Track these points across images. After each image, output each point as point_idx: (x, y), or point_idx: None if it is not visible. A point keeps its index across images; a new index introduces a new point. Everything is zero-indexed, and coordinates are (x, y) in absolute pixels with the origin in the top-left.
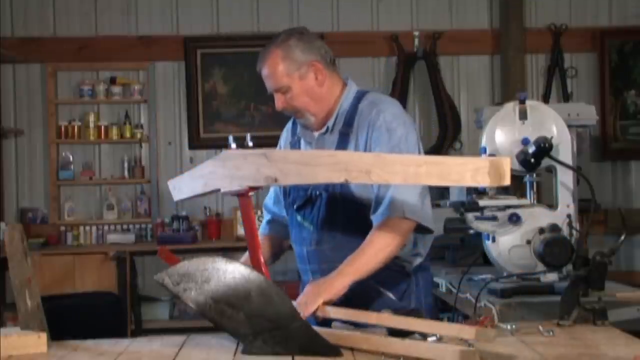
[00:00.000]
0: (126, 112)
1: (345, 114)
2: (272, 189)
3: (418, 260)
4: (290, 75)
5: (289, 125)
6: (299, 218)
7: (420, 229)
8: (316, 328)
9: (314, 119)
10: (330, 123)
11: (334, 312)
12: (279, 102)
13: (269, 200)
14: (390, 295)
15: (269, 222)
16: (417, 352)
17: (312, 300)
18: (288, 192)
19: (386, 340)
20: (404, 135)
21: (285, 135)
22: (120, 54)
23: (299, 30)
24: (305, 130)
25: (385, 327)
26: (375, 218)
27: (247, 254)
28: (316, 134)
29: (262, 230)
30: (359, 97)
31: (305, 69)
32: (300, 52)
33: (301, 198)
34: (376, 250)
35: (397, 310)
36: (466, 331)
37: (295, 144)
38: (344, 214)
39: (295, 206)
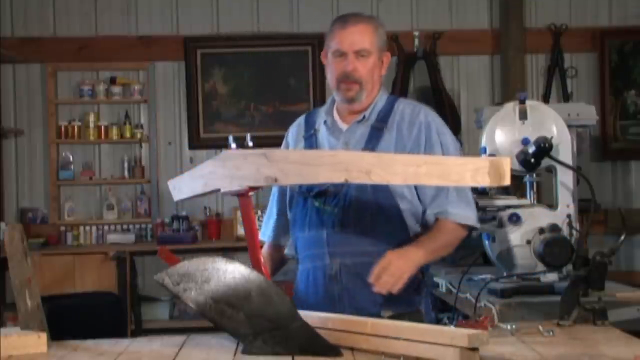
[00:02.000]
0: (126, 112)
1: (379, 111)
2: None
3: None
4: (374, 47)
5: (300, 122)
6: (316, 204)
7: None
8: (316, 328)
9: (364, 98)
10: (367, 113)
11: (330, 322)
12: (351, 63)
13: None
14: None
15: (275, 226)
16: (417, 351)
17: (402, 267)
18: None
19: (386, 340)
20: (451, 144)
21: (295, 130)
22: (120, 54)
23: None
24: (335, 121)
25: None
26: (439, 213)
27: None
28: (345, 126)
29: (266, 237)
30: (392, 100)
31: (383, 52)
32: (385, 37)
33: (319, 185)
34: (446, 242)
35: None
36: (459, 338)
37: (310, 137)
38: (374, 199)
39: (313, 193)
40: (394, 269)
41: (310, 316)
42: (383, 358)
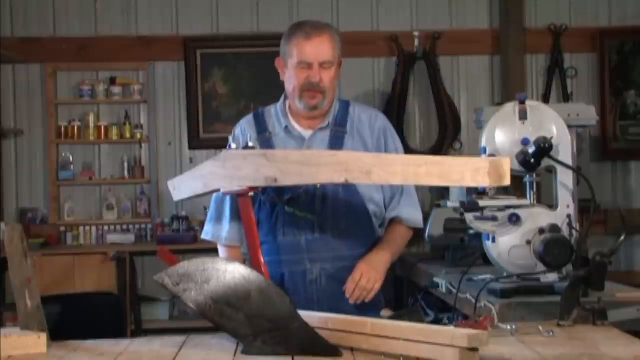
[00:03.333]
0: (126, 112)
1: (336, 116)
2: (223, 209)
3: None
4: (335, 56)
5: (248, 122)
6: (288, 209)
7: None
8: (316, 328)
9: (325, 105)
10: (330, 119)
11: (330, 322)
12: (317, 74)
13: (224, 215)
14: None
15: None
16: (417, 352)
17: (373, 277)
18: (263, 190)
19: (386, 340)
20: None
21: (244, 128)
22: (120, 54)
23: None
24: (294, 126)
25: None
26: (393, 216)
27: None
28: (304, 131)
29: (224, 240)
30: (345, 104)
31: (340, 59)
32: (340, 44)
33: (291, 190)
34: (402, 245)
35: (397, 311)
36: (459, 338)
37: (267, 140)
38: (346, 204)
39: (285, 199)
40: (366, 281)
41: (310, 316)
42: (383, 358)
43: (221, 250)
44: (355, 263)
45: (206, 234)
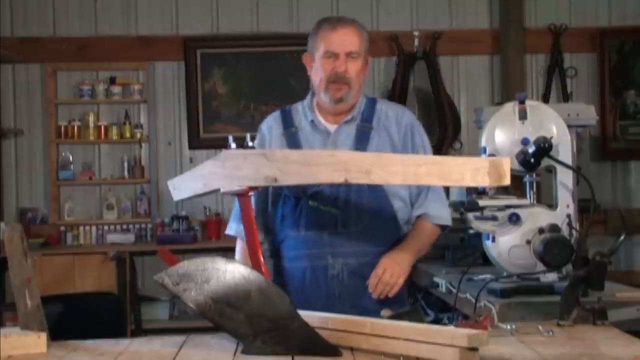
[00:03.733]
0: (126, 112)
1: (362, 111)
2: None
3: None
4: (362, 49)
5: (275, 118)
6: (312, 203)
7: None
8: (316, 328)
9: (351, 99)
10: (355, 113)
11: (330, 322)
12: (343, 64)
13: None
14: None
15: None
16: (417, 352)
17: (397, 272)
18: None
19: (386, 340)
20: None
21: (271, 125)
22: (120, 54)
23: None
24: (320, 121)
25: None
26: (420, 214)
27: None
28: (330, 126)
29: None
30: (372, 101)
31: (367, 55)
32: (367, 41)
33: (315, 185)
34: (428, 242)
35: (397, 311)
36: (459, 337)
37: (293, 135)
38: (369, 200)
39: (308, 193)
40: (390, 276)
41: (310, 316)
42: (383, 358)
43: (239, 245)
44: (378, 259)
45: (230, 229)
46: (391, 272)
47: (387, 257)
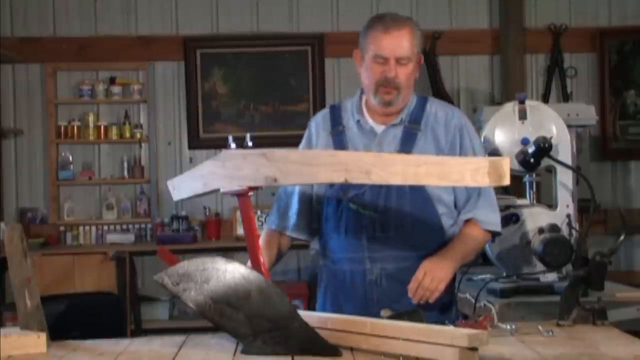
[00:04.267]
0: (126, 112)
1: (411, 112)
2: (290, 201)
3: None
4: (414, 52)
5: (324, 116)
6: (352, 206)
7: None
8: (316, 328)
9: (400, 102)
10: (404, 115)
11: (330, 322)
12: (392, 70)
13: (289, 208)
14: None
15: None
16: (417, 351)
17: (438, 277)
18: (330, 184)
19: (386, 340)
20: (479, 140)
21: (320, 123)
22: (120, 54)
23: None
24: (367, 121)
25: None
26: (469, 218)
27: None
28: (377, 126)
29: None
30: (423, 101)
31: (419, 55)
32: (421, 40)
33: (359, 186)
34: (475, 247)
35: (397, 312)
36: (459, 338)
37: (339, 135)
38: (411, 203)
39: (350, 195)
40: (430, 280)
41: (310, 316)
42: (382, 358)
43: (264, 234)
44: (419, 264)
45: (272, 223)
46: (432, 276)
47: (428, 261)
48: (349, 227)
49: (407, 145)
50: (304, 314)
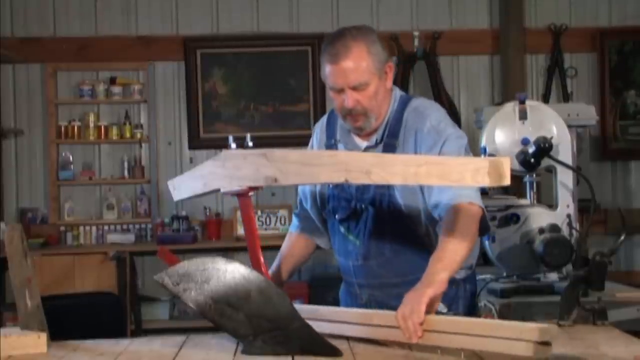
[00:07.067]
0: (126, 112)
1: (390, 125)
2: (304, 192)
3: (468, 272)
4: (372, 72)
5: (322, 124)
6: (342, 229)
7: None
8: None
9: (373, 123)
10: (378, 136)
11: (375, 318)
12: (351, 99)
13: (304, 199)
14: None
15: (301, 218)
16: (482, 346)
17: (416, 308)
18: (327, 200)
19: (443, 335)
20: (453, 134)
21: (317, 135)
22: (120, 54)
23: (369, 27)
24: (349, 137)
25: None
26: (440, 209)
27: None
28: (363, 143)
29: (293, 228)
30: (404, 104)
31: (383, 67)
32: (381, 50)
33: (344, 210)
34: (459, 235)
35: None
36: (529, 331)
37: (332, 147)
38: (392, 229)
39: (337, 217)
40: (410, 324)
41: (364, 313)
42: (439, 353)
43: (288, 236)
44: (406, 288)
45: (294, 226)
46: (417, 312)
47: (402, 304)
48: (340, 250)
49: None
50: (305, 314)
